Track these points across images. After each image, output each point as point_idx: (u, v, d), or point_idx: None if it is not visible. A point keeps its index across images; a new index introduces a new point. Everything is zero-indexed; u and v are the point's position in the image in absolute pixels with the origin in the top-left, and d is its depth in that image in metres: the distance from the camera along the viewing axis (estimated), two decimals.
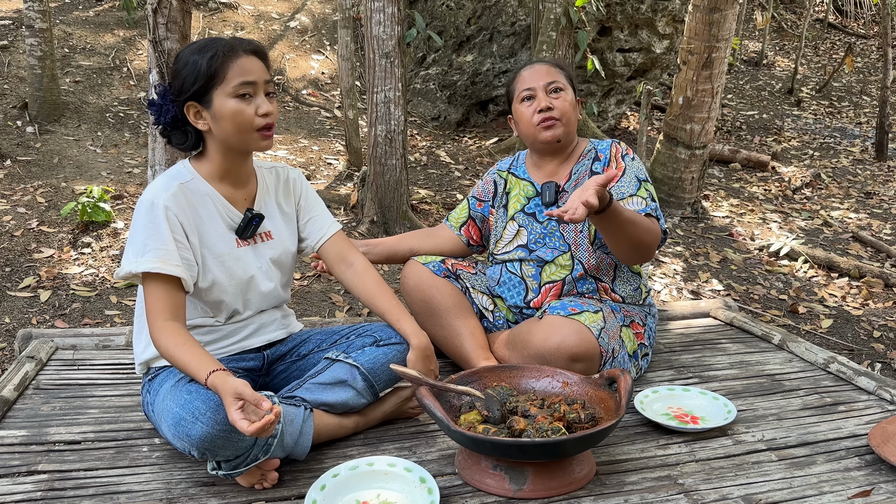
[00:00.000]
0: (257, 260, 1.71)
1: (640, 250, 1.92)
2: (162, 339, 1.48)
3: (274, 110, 1.59)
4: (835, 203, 6.29)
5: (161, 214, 1.54)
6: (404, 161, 4.44)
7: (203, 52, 1.55)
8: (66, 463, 1.58)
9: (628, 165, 2.04)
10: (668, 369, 2.21)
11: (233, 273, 1.66)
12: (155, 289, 1.52)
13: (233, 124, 1.56)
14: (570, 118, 2.05)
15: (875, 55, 11.63)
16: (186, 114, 1.59)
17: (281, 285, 1.80)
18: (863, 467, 1.62)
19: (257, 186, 1.74)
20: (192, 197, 1.62)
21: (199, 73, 1.54)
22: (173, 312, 1.52)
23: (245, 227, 1.68)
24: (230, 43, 1.57)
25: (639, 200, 1.98)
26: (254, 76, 1.56)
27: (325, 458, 1.63)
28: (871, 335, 3.72)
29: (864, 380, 2.06)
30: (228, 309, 1.69)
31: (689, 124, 5.22)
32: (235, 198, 1.69)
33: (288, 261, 1.80)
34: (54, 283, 3.54)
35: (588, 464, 1.56)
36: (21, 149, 5.33)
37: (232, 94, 1.54)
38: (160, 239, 1.53)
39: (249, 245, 1.70)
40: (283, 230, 1.78)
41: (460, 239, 2.30)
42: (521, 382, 1.74)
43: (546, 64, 2.10)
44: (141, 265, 1.51)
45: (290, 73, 7.65)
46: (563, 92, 2.04)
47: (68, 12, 7.60)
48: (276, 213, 1.78)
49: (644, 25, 7.09)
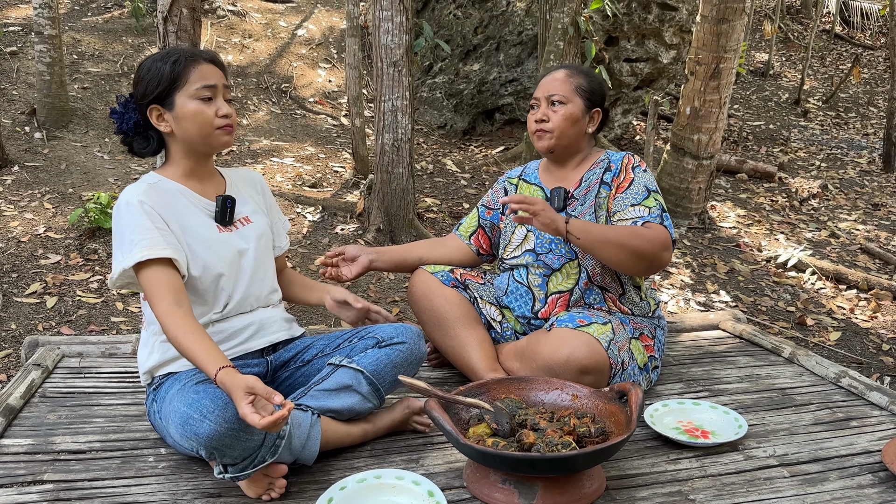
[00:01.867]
0: (243, 243, 1.75)
1: (637, 262, 1.90)
2: (169, 324, 1.48)
3: (232, 113, 1.68)
4: (842, 214, 6.26)
5: (138, 209, 1.58)
6: (411, 169, 4.44)
7: (165, 58, 1.65)
8: (72, 473, 1.57)
9: (637, 176, 2.04)
10: (677, 382, 2.19)
11: (222, 255, 1.69)
12: (150, 276, 1.54)
13: (194, 124, 1.63)
14: (564, 131, 2.05)
15: (882, 66, 11.61)
16: (149, 117, 1.66)
17: (271, 272, 1.83)
18: (876, 484, 1.60)
19: (225, 182, 1.81)
20: (163, 194, 1.67)
21: (162, 77, 1.63)
22: (176, 297, 1.52)
23: (222, 212, 1.72)
24: (191, 50, 1.68)
25: (642, 209, 1.97)
26: (214, 80, 1.64)
27: (333, 470, 1.62)
28: (881, 348, 3.69)
29: (876, 395, 2.04)
30: (226, 293, 1.70)
31: (696, 134, 5.21)
32: (205, 191, 1.74)
33: (270, 245, 1.84)
34: (60, 289, 3.54)
35: (598, 479, 1.55)
36: (29, 155, 5.34)
37: (194, 97, 1.62)
38: (143, 230, 1.56)
39: (231, 231, 1.74)
40: (260, 214, 1.83)
41: (470, 248, 2.29)
42: (531, 395, 1.73)
43: (566, 72, 2.11)
44: (131, 258, 1.53)
45: (298, 81, 7.67)
46: (563, 105, 2.05)
47: (77, 19, 7.64)
48: (250, 201, 1.83)
49: (651, 36, 7.09)
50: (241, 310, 1.74)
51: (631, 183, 2.02)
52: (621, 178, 2.05)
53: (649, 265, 1.92)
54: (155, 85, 1.63)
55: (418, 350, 1.78)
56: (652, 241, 1.89)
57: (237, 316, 1.73)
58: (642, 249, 1.88)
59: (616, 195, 2.03)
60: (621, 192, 2.02)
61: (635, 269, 1.94)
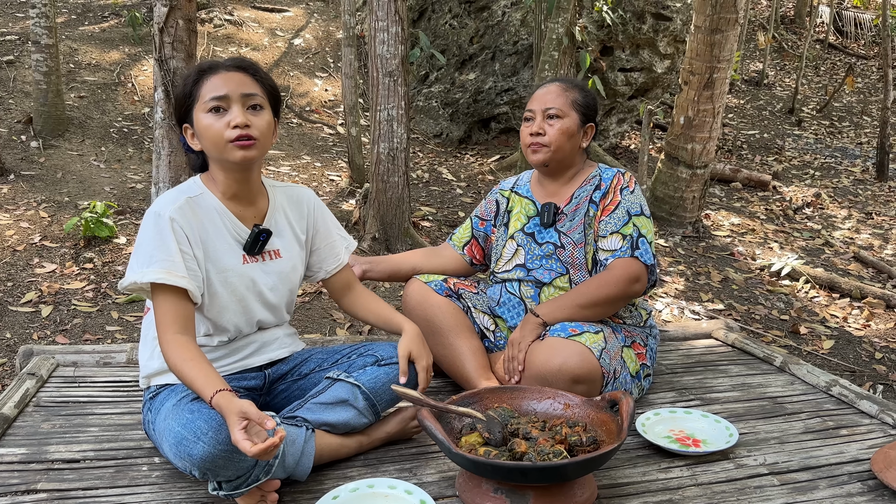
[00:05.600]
0: (264, 277, 1.71)
1: (612, 306, 2.01)
2: (171, 352, 1.48)
3: (252, 121, 1.58)
4: (836, 223, 6.30)
5: (167, 226, 1.55)
6: (406, 178, 4.45)
7: (185, 75, 1.65)
8: (66, 482, 1.57)
9: (623, 199, 2.05)
10: (669, 391, 2.20)
11: (235, 289, 1.66)
12: (163, 301, 1.53)
13: (206, 138, 1.59)
14: (561, 145, 2.06)
15: (875, 76, 11.69)
16: (185, 136, 1.66)
17: (286, 304, 1.80)
18: (865, 493, 1.61)
19: (268, 204, 1.74)
20: (199, 211, 1.63)
21: (180, 96, 1.63)
22: (182, 325, 1.52)
23: (252, 243, 1.67)
24: (212, 62, 1.63)
25: (616, 239, 2.01)
26: (225, 90, 1.56)
27: (326, 479, 1.63)
28: (873, 357, 3.71)
29: (866, 403, 2.05)
30: (230, 327, 1.69)
31: (690, 144, 5.24)
32: (245, 215, 1.69)
33: (295, 280, 1.80)
34: (56, 298, 3.54)
35: (589, 487, 1.56)
36: (25, 163, 5.35)
37: (205, 110, 1.58)
38: (166, 250, 1.54)
39: (257, 262, 1.70)
40: (293, 249, 1.78)
41: (463, 258, 2.31)
42: (523, 404, 1.74)
43: (560, 86, 2.11)
44: (147, 276, 1.52)
45: (295, 90, 7.70)
46: (560, 119, 2.06)
47: (74, 28, 7.67)
48: (287, 231, 1.77)
49: (645, 45, 7.14)
50: (246, 333, 1.74)
51: (616, 206, 2.05)
52: (608, 200, 2.07)
53: (625, 301, 2.02)
54: (178, 105, 1.63)
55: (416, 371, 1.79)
56: (616, 283, 1.97)
57: (242, 338, 1.74)
58: (611, 295, 1.97)
59: (602, 217, 2.06)
60: (606, 214, 2.05)
61: (615, 309, 2.04)
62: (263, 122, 1.60)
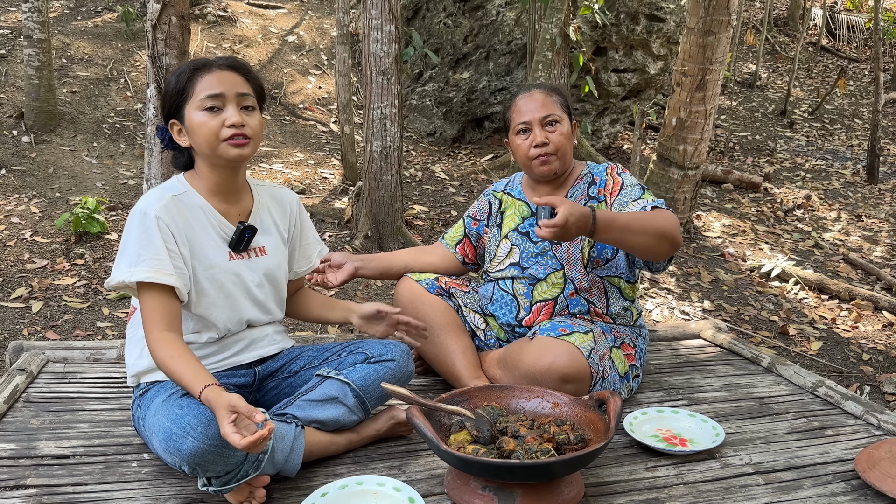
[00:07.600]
0: (251, 274, 1.72)
1: (660, 242, 1.82)
2: (158, 349, 1.49)
3: (247, 121, 1.60)
4: (826, 225, 6.34)
5: (153, 224, 1.56)
6: (399, 177, 4.46)
7: (177, 71, 1.64)
8: (55, 477, 1.58)
9: (626, 179, 2.06)
10: (657, 391, 2.22)
11: (222, 286, 1.67)
12: (150, 299, 1.54)
13: (200, 136, 1.60)
14: (566, 151, 2.06)
15: (867, 79, 11.76)
16: (171, 132, 1.65)
17: (275, 302, 1.81)
18: (849, 492, 1.63)
19: (253, 202, 1.76)
20: (184, 209, 1.63)
21: (171, 92, 1.62)
22: (169, 323, 1.53)
23: (238, 240, 1.68)
24: (205, 60, 1.64)
25: (644, 202, 1.94)
26: (221, 89, 1.58)
27: (315, 476, 1.64)
28: (861, 358, 3.74)
29: (851, 404, 2.08)
30: (219, 324, 1.69)
31: (682, 145, 5.27)
32: (229, 212, 1.70)
33: (281, 277, 1.81)
34: (46, 293, 3.53)
35: (577, 485, 1.57)
36: (16, 158, 5.33)
37: (199, 108, 1.58)
38: (153, 249, 1.55)
39: (243, 259, 1.71)
40: (278, 247, 1.80)
41: (455, 257, 2.32)
42: (512, 402, 1.75)
43: (543, 92, 2.09)
44: (135, 275, 1.52)
45: (288, 87, 7.69)
46: (559, 124, 2.05)
47: (67, 23, 7.63)
48: (272, 229, 1.79)
49: (639, 46, 7.16)
50: (235, 331, 1.75)
51: (622, 186, 2.04)
52: (611, 186, 2.07)
53: (671, 245, 1.85)
54: (169, 100, 1.63)
55: (407, 368, 1.79)
56: (667, 220, 1.84)
57: (231, 335, 1.75)
58: (660, 228, 1.81)
59: (612, 200, 2.03)
60: (615, 196, 2.03)
61: (658, 251, 1.86)
62: (256, 122, 1.63)
